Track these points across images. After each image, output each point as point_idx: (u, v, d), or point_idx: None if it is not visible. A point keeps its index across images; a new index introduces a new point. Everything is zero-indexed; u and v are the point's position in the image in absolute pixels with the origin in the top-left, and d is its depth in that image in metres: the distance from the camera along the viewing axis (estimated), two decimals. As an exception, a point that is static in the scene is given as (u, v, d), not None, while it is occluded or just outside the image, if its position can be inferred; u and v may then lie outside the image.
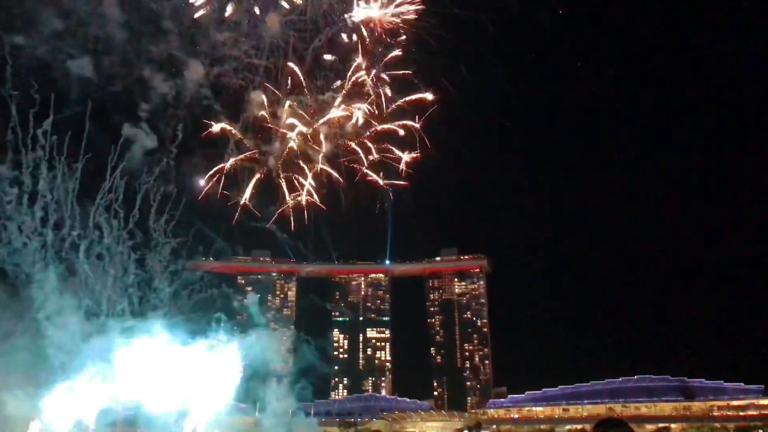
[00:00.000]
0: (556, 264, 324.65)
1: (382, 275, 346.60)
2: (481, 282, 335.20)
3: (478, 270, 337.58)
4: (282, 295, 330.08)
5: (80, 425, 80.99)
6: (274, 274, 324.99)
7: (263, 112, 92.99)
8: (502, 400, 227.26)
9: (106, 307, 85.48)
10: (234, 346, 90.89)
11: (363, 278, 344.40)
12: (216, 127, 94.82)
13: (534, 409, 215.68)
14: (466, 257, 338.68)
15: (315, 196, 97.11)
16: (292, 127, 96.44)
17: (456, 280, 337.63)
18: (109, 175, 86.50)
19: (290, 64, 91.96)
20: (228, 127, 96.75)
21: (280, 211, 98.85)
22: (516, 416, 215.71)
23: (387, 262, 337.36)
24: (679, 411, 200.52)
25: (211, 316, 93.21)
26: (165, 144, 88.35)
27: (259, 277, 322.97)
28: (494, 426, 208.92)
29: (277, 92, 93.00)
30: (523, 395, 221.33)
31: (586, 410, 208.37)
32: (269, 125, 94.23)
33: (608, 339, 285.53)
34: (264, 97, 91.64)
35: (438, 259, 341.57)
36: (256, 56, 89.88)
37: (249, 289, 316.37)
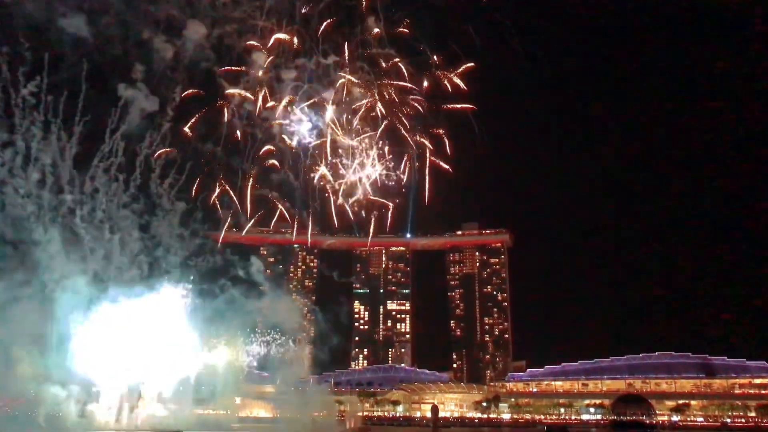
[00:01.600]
0: (578, 239, 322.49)
1: (403, 248, 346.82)
2: (502, 256, 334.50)
3: (499, 244, 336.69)
4: (303, 267, 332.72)
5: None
6: (295, 246, 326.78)
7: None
8: (521, 373, 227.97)
9: (115, 274, 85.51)
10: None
11: (384, 251, 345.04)
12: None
13: (553, 383, 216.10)
14: (488, 231, 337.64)
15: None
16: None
17: (477, 254, 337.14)
18: (109, 138, 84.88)
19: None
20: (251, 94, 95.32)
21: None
22: (535, 390, 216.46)
23: (408, 235, 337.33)
24: (699, 388, 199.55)
25: (222, 282, 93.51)
26: (168, 107, 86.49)
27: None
28: (513, 399, 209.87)
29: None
30: (542, 369, 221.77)
31: (606, 385, 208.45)
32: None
33: (629, 315, 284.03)
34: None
35: (459, 233, 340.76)
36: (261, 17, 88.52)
37: (271, 260, 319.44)
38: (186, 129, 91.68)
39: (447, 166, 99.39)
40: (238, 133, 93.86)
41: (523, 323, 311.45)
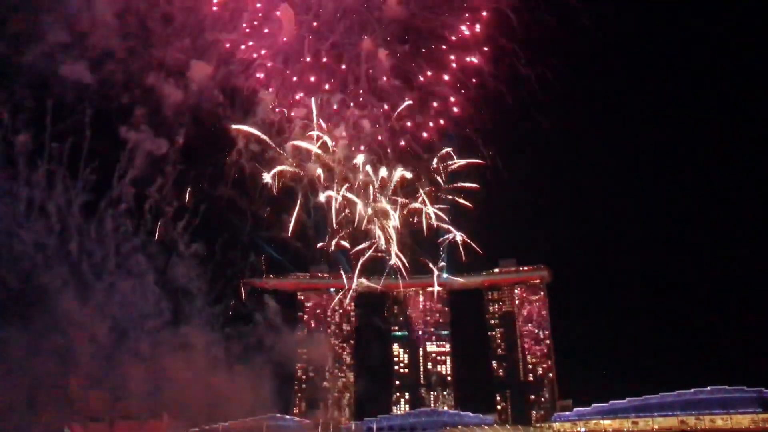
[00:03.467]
0: (620, 271, 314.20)
1: (440, 288, 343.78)
2: (542, 293, 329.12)
3: (538, 281, 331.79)
4: (341, 311, 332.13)
5: None
6: (332, 290, 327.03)
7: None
8: (568, 413, 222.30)
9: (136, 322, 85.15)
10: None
11: (421, 292, 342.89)
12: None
13: (601, 422, 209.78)
14: (526, 268, 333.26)
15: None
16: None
17: (516, 291, 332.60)
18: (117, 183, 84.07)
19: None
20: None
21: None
22: (582, 430, 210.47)
23: (445, 275, 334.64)
24: (757, 423, 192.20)
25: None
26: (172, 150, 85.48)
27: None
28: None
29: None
30: (589, 408, 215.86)
31: (657, 423, 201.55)
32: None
33: (677, 348, 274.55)
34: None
35: (496, 270, 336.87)
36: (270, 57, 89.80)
37: (308, 305, 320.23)
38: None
39: (469, 204, 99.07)
40: (270, 181, 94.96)
41: (567, 361, 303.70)
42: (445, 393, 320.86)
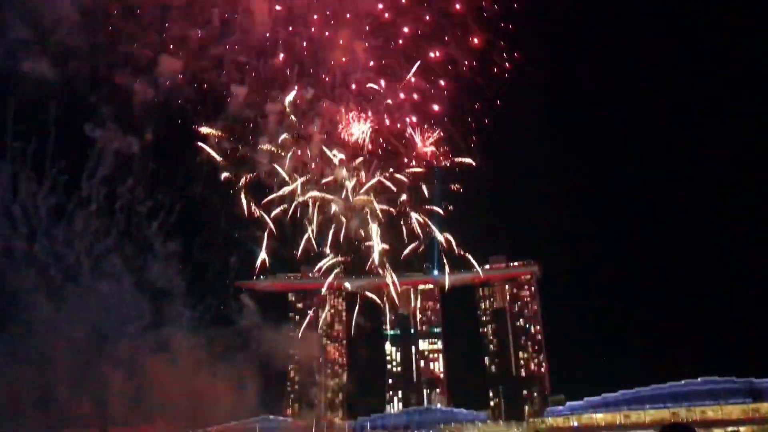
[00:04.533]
0: (610, 265, 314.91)
1: (431, 286, 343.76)
2: (533, 288, 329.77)
3: (529, 276, 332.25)
4: (332, 311, 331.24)
5: None
6: (323, 290, 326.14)
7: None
8: (560, 407, 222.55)
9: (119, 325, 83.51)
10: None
11: (412, 290, 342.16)
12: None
13: (594, 416, 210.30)
14: (516, 264, 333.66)
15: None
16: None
17: (507, 287, 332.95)
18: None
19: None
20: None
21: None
22: (575, 424, 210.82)
23: (435, 272, 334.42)
24: (747, 413, 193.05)
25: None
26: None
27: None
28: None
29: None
30: (581, 402, 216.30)
31: (649, 415, 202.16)
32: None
33: (668, 340, 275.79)
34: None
35: (487, 267, 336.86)
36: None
37: (299, 306, 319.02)
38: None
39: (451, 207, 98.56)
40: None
41: (559, 355, 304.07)
42: (438, 390, 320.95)
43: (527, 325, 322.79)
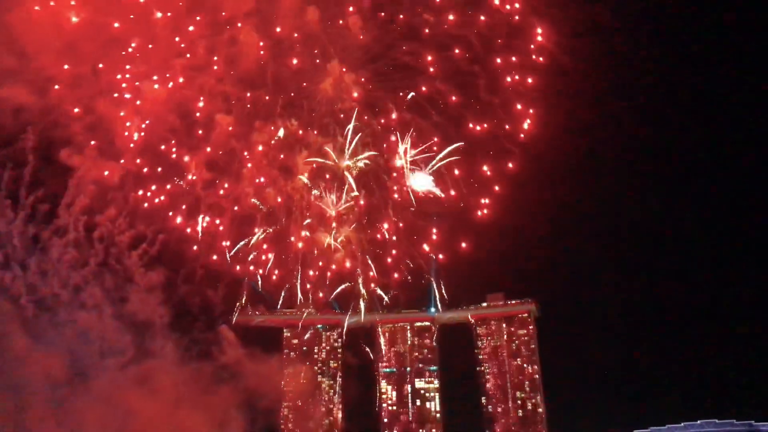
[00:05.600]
0: (608, 305, 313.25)
1: (428, 323, 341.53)
2: (530, 327, 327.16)
3: (526, 315, 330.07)
4: (328, 348, 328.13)
5: None
6: (319, 326, 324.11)
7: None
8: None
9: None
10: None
11: (409, 327, 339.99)
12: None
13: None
14: (514, 302, 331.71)
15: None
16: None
17: (504, 325, 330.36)
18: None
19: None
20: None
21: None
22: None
23: (432, 310, 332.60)
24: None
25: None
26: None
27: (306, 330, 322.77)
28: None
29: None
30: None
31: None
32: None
33: (667, 382, 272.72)
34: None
35: (484, 305, 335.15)
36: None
37: (295, 342, 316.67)
38: None
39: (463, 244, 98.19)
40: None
41: (557, 395, 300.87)
42: (433, 430, 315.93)
43: (524, 365, 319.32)
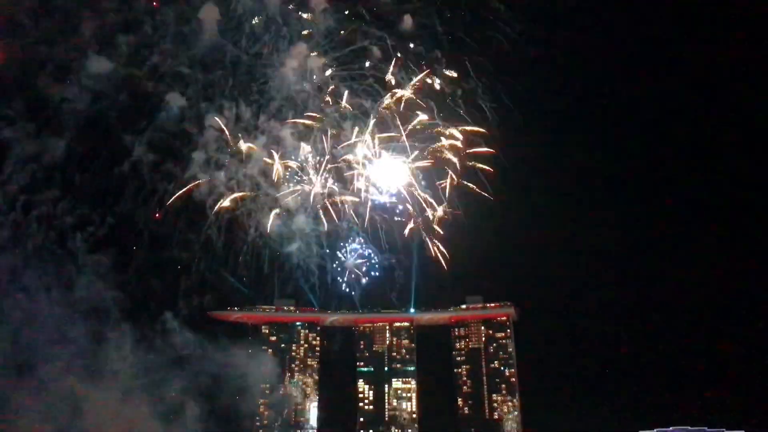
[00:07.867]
0: (585, 311, 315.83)
1: (407, 324, 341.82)
2: (508, 330, 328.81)
3: (504, 318, 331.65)
4: (306, 345, 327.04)
5: None
6: (298, 323, 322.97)
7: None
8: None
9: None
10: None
11: (388, 327, 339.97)
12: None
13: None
14: (492, 305, 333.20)
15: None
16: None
17: (482, 328, 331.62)
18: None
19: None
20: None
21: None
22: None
23: (412, 310, 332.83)
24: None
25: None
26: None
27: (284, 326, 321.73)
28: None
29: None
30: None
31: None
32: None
33: (641, 388, 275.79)
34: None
35: (463, 307, 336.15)
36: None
37: (273, 339, 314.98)
38: None
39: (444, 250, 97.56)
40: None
41: (533, 399, 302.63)
42: (410, 430, 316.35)
43: (502, 367, 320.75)
